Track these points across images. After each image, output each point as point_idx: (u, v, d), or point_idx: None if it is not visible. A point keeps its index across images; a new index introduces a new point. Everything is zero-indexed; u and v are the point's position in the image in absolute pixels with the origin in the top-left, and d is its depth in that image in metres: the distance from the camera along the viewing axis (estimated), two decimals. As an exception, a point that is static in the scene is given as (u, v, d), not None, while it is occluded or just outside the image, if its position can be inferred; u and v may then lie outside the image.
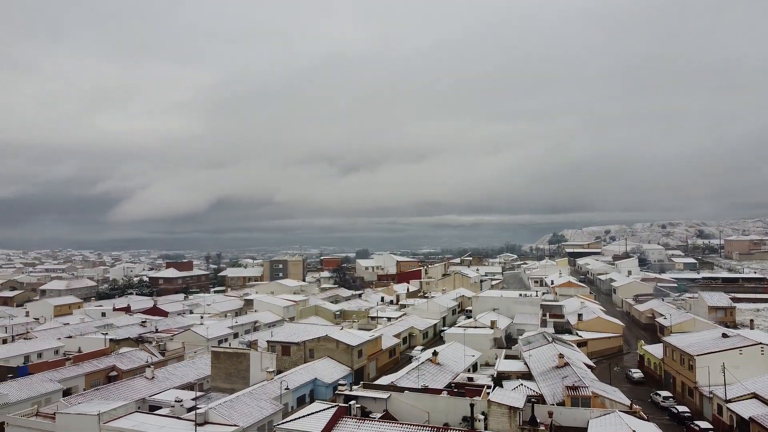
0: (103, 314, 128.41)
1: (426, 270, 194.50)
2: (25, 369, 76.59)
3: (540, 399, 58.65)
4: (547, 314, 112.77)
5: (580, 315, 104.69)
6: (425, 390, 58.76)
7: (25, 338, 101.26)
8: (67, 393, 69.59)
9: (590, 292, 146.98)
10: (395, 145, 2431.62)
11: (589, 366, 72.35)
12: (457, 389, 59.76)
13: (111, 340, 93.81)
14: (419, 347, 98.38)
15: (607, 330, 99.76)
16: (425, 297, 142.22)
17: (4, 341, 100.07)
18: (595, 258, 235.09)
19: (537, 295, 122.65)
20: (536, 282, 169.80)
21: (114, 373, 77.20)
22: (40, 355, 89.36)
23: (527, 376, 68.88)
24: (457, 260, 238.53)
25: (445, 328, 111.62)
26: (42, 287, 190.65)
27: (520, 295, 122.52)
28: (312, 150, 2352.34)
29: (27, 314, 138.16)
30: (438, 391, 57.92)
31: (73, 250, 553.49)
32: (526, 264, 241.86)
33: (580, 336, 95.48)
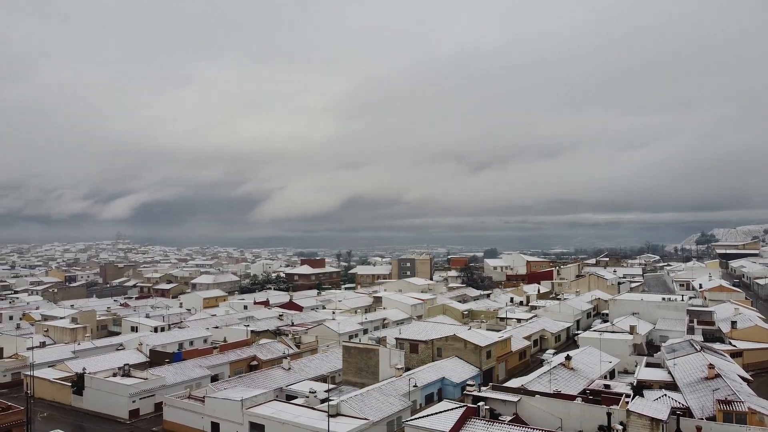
0: (245, 307, 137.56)
1: (558, 270, 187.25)
2: (179, 355, 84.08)
3: (686, 412, 54.02)
4: (695, 321, 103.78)
5: (733, 322, 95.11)
6: (558, 395, 56.43)
7: (179, 327, 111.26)
8: (214, 379, 75.38)
9: (746, 298, 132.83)
10: (527, 141, 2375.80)
11: (745, 379, 65.52)
12: (593, 396, 56.70)
13: (252, 331, 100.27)
14: (551, 350, 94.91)
15: (766, 340, 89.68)
16: (557, 299, 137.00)
17: (162, 329, 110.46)
18: (752, 260, 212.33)
19: (683, 300, 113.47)
20: (682, 285, 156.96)
21: (255, 363, 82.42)
22: (191, 343, 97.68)
23: (671, 386, 63.78)
24: (593, 261, 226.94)
25: (578, 331, 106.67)
26: (193, 281, 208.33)
27: (664, 299, 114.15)
28: (441, 148, 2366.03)
29: (181, 305, 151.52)
30: (571, 397, 55.38)
31: (219, 247, 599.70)
32: (670, 266, 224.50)
33: (734, 345, 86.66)
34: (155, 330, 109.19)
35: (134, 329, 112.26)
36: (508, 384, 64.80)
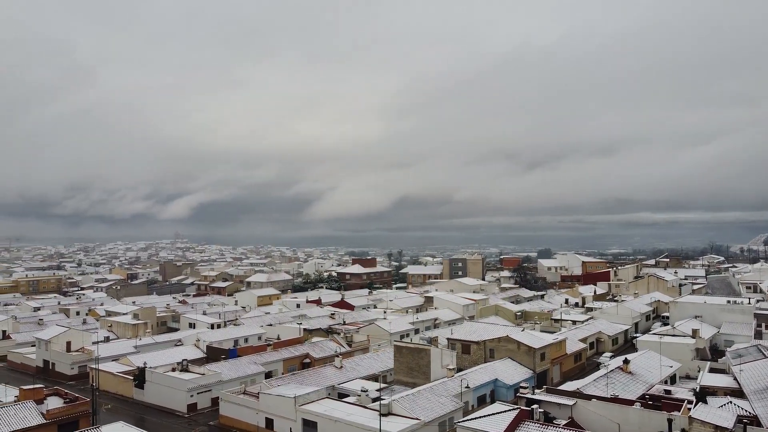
0: (298, 305, 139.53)
1: (615, 271, 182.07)
2: (234, 351, 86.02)
3: (754, 421, 51.38)
4: (763, 325, 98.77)
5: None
6: (615, 400, 54.74)
7: (234, 324, 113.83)
8: (268, 375, 76.79)
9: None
10: (581, 138, 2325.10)
11: (819, 387, 61.82)
12: (652, 402, 54.76)
13: (305, 329, 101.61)
14: (608, 354, 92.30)
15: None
16: (614, 300, 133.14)
17: (218, 326, 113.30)
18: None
19: (750, 303, 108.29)
20: (749, 288, 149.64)
21: (307, 361, 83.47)
22: (246, 340, 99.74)
23: (737, 393, 60.89)
24: (651, 262, 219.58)
25: (637, 334, 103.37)
26: (247, 279, 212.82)
27: (729, 301, 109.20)
28: (492, 147, 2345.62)
29: (236, 303, 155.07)
30: (630, 402, 53.61)
31: (272, 246, 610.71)
32: (736, 267, 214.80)
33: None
34: (212, 327, 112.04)
35: (192, 326, 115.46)
36: (562, 387, 63.31)
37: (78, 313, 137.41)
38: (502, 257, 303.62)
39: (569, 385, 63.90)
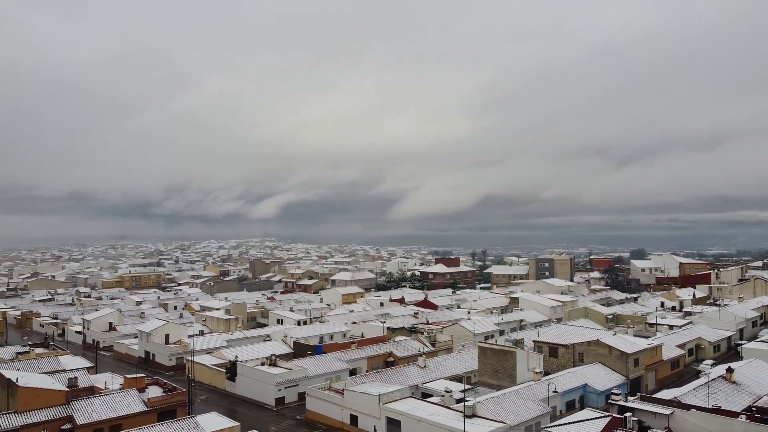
0: (381, 304, 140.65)
1: (717, 273, 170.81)
2: (320, 348, 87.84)
3: None
4: None
5: None
6: (717, 411, 51.20)
7: (320, 321, 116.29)
8: (352, 373, 77.78)
9: None
10: (679, 132, 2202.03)
11: None
12: (760, 415, 50.75)
13: (388, 328, 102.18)
14: (708, 361, 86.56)
15: None
16: (716, 304, 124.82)
17: (305, 323, 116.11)
18: None
19: None
20: None
21: (391, 359, 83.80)
22: (331, 337, 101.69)
23: None
24: (758, 263, 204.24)
25: (742, 341, 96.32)
26: (332, 278, 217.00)
27: None
28: (582, 143, 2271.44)
29: (321, 300, 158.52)
30: (734, 414, 49.94)
31: (356, 245, 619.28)
32: None
33: None
34: (298, 323, 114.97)
35: (279, 322, 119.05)
36: (658, 395, 60.02)
37: (175, 308, 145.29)
38: (591, 258, 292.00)
39: (665, 394, 60.55)
